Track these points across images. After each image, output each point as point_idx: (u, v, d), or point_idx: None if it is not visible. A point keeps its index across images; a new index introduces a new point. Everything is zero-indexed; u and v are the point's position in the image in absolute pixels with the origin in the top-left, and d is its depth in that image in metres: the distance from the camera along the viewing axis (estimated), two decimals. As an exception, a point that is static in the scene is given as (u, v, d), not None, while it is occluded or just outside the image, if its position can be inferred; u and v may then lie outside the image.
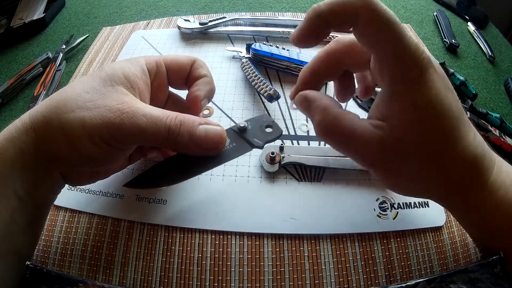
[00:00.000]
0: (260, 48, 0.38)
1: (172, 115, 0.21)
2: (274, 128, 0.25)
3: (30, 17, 0.48)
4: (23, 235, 0.21)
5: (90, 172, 0.24)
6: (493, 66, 0.45)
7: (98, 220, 0.27)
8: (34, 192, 0.21)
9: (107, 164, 0.23)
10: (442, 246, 0.27)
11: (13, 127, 0.20)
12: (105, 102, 0.20)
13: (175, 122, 0.20)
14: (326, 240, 0.26)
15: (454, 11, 0.56)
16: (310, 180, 0.30)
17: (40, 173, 0.20)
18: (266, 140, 0.25)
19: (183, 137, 0.21)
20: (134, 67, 0.23)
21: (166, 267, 0.25)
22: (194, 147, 0.21)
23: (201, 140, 0.21)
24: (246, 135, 0.24)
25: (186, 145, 0.21)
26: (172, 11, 0.52)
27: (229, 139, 0.24)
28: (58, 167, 0.21)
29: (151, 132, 0.20)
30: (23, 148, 0.20)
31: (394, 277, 0.25)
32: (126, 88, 0.21)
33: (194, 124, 0.21)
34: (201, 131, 0.21)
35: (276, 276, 0.25)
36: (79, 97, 0.20)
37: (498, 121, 0.35)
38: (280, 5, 0.54)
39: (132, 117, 0.19)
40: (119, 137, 0.20)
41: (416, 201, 0.29)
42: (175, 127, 0.20)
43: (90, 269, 0.25)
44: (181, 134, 0.20)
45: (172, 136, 0.20)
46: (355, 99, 0.37)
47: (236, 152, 0.24)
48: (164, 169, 0.24)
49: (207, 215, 0.27)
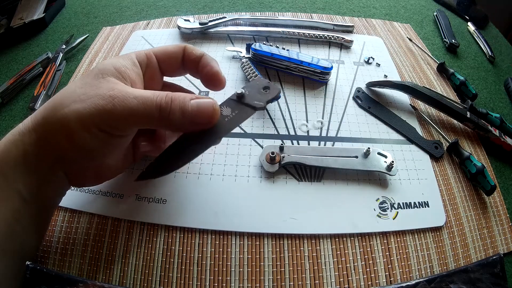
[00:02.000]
0: (260, 48, 0.38)
1: (162, 94, 0.21)
2: (272, 88, 0.25)
3: (30, 17, 0.48)
4: (27, 236, 0.21)
5: (94, 171, 0.24)
6: (493, 66, 0.45)
7: (98, 220, 0.27)
8: (38, 193, 0.21)
9: (107, 154, 0.23)
10: (442, 246, 0.27)
11: (16, 130, 0.21)
12: (97, 91, 0.20)
13: (165, 100, 0.20)
14: (326, 240, 0.26)
15: (454, 11, 0.56)
16: (310, 180, 0.30)
17: (44, 174, 0.21)
18: (267, 99, 0.24)
19: (175, 114, 0.20)
20: (124, 60, 0.23)
21: (166, 267, 0.25)
22: (187, 123, 0.21)
23: (193, 114, 0.21)
24: (246, 100, 0.24)
25: (179, 122, 0.21)
26: (172, 11, 0.52)
27: (230, 108, 0.23)
28: (61, 166, 0.21)
29: (143, 113, 0.20)
30: (25, 150, 0.20)
31: (394, 277, 0.25)
32: (117, 78, 0.22)
33: (185, 100, 0.21)
34: (193, 105, 0.21)
35: (276, 276, 0.25)
36: (73, 93, 0.21)
37: (498, 121, 0.35)
38: (280, 5, 0.54)
39: (123, 101, 0.20)
40: (112, 122, 0.20)
41: (416, 201, 0.29)
42: (166, 105, 0.20)
43: (90, 269, 0.25)
44: (173, 111, 0.20)
45: (164, 114, 0.20)
46: (355, 99, 0.37)
47: (240, 119, 0.23)
48: (171, 154, 0.23)
49: (207, 215, 0.27)
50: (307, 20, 0.49)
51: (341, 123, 0.34)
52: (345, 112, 0.36)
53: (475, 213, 0.29)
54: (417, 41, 0.47)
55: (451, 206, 0.29)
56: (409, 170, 0.31)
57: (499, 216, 0.29)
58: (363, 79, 0.40)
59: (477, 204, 0.30)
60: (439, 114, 0.37)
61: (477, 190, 0.31)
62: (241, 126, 0.34)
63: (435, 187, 0.30)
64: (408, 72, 0.42)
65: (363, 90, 0.38)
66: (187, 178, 0.29)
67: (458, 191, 0.30)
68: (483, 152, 0.34)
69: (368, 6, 0.55)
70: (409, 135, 0.34)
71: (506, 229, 0.28)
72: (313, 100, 0.37)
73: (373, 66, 0.42)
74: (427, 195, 0.29)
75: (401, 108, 0.37)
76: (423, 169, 0.31)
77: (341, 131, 0.34)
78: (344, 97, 0.37)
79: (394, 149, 0.33)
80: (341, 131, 0.34)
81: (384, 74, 0.41)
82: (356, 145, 0.32)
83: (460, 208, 0.29)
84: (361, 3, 0.55)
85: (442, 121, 0.36)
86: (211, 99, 0.22)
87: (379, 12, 0.54)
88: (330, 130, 0.34)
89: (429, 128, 0.35)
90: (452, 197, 0.30)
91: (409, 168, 0.31)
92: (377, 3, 0.56)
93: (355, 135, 0.33)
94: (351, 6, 0.55)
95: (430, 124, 0.35)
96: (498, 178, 0.32)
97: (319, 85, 0.39)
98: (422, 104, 0.37)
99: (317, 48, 0.44)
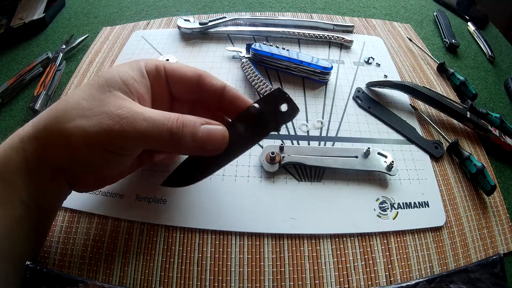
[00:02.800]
0: (260, 48, 0.38)
1: (174, 117, 0.20)
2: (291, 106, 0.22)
3: (30, 17, 0.48)
4: (28, 240, 0.21)
5: (96, 179, 0.24)
6: (493, 66, 0.45)
7: (98, 220, 0.27)
8: (39, 198, 0.21)
9: (111, 170, 0.23)
10: (442, 246, 0.27)
11: (16, 136, 0.20)
12: (103, 108, 0.19)
13: (177, 125, 0.20)
14: (326, 240, 0.26)
15: (454, 11, 0.56)
16: (310, 180, 0.30)
17: (45, 180, 0.20)
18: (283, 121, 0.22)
19: (186, 139, 0.20)
20: (133, 71, 0.22)
21: (166, 267, 0.25)
22: (197, 148, 0.21)
23: (204, 140, 0.21)
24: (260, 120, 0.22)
25: (189, 147, 0.21)
26: (172, 11, 0.52)
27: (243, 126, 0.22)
28: (62, 175, 0.21)
29: (153, 136, 0.20)
30: (27, 157, 0.20)
31: (394, 277, 0.25)
32: (124, 92, 0.21)
33: (196, 124, 0.20)
34: (203, 131, 0.21)
35: (276, 276, 0.25)
36: (77, 106, 0.20)
37: (498, 121, 0.35)
38: (280, 5, 0.54)
39: (133, 123, 0.19)
40: (120, 143, 0.20)
41: (416, 201, 0.29)
42: (177, 130, 0.20)
43: (90, 269, 0.25)
44: (183, 136, 0.20)
45: (175, 139, 0.20)
46: (355, 99, 0.37)
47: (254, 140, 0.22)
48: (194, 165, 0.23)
49: (207, 215, 0.27)
50: (307, 20, 0.49)
51: (341, 123, 0.34)
52: (345, 112, 0.36)
53: (475, 213, 0.29)
54: (417, 41, 0.47)
55: (451, 206, 0.29)
56: (409, 170, 0.31)
57: (499, 216, 0.29)
58: (363, 79, 0.40)
59: (477, 204, 0.30)
60: (439, 114, 0.37)
61: (477, 190, 0.31)
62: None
63: (435, 187, 0.30)
64: (408, 72, 0.42)
65: (363, 90, 0.38)
66: (187, 178, 0.29)
67: (458, 191, 0.30)
68: (483, 152, 0.34)
69: (368, 6, 0.55)
70: (409, 135, 0.34)
71: (506, 229, 0.28)
72: (313, 100, 0.37)
73: (373, 66, 0.42)
74: (427, 195, 0.29)
75: (401, 108, 0.37)
76: (423, 169, 0.31)
77: (341, 131, 0.34)
78: (344, 97, 0.37)
79: (394, 149, 0.33)
80: (341, 131, 0.34)
81: (384, 74, 0.41)
82: (356, 145, 0.32)
83: (460, 208, 0.29)
84: (361, 3, 0.55)
85: (442, 121, 0.36)
86: (221, 126, 0.21)
87: (379, 12, 0.54)
88: (330, 130, 0.34)
89: (429, 128, 0.35)
90: (452, 197, 0.30)
91: (409, 168, 0.31)
92: (377, 3, 0.56)
93: (355, 135, 0.33)
94: (351, 6, 0.55)
95: (430, 124, 0.35)
96: (498, 178, 0.32)
97: (319, 85, 0.39)
98: (422, 104, 0.37)
99: (317, 48, 0.44)
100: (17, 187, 0.20)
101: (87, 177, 0.23)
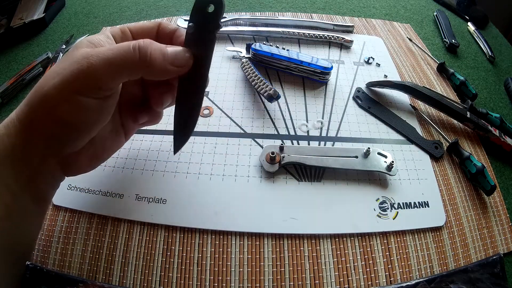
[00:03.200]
0: (260, 48, 0.38)
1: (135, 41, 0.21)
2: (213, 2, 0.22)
3: (30, 17, 0.48)
4: (20, 232, 0.21)
5: (87, 154, 0.23)
6: (493, 66, 0.45)
7: (98, 220, 0.27)
8: (30, 186, 0.20)
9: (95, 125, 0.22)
10: (442, 246, 0.27)
11: (1, 125, 0.20)
12: (71, 61, 0.20)
13: (143, 43, 0.20)
14: (326, 240, 0.26)
15: (454, 11, 0.56)
16: (310, 180, 0.30)
17: (34, 165, 0.20)
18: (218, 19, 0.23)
19: (156, 55, 0.21)
20: (99, 35, 0.23)
21: (166, 267, 0.25)
22: (168, 65, 0.22)
23: (172, 56, 0.22)
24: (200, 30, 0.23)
25: (161, 64, 0.21)
26: (172, 11, 0.52)
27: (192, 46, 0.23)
28: (52, 154, 0.20)
29: (122, 59, 0.20)
30: (12, 143, 0.19)
31: (394, 277, 0.25)
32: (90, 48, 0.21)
33: (161, 46, 0.22)
34: (170, 49, 0.22)
35: (276, 276, 0.25)
36: (51, 73, 0.20)
37: (498, 121, 0.35)
38: (280, 5, 0.54)
39: (98, 55, 0.19)
40: (91, 81, 0.19)
41: (416, 201, 0.29)
42: (144, 45, 0.20)
43: (90, 269, 0.25)
44: (153, 53, 0.21)
45: (144, 56, 0.20)
46: (355, 99, 0.37)
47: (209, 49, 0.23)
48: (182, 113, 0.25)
49: (207, 215, 0.27)
50: (307, 20, 0.49)
51: (341, 123, 0.34)
52: (345, 112, 0.36)
53: (475, 213, 0.29)
54: (417, 41, 0.47)
55: (451, 206, 0.29)
56: (409, 170, 0.31)
57: (499, 216, 0.29)
58: (363, 79, 0.40)
59: (477, 204, 0.30)
60: (439, 114, 0.37)
61: (477, 190, 0.31)
62: (241, 126, 0.34)
63: (435, 187, 0.30)
64: (408, 72, 0.42)
65: (363, 90, 0.38)
66: (187, 178, 0.29)
67: (458, 191, 0.30)
68: (483, 152, 0.34)
69: (368, 6, 0.55)
70: (409, 135, 0.34)
71: (506, 229, 0.28)
72: (313, 100, 0.37)
73: (373, 66, 0.42)
74: (427, 195, 0.29)
75: (401, 108, 0.37)
76: (423, 169, 0.31)
77: (341, 131, 0.34)
78: (344, 97, 0.37)
79: (394, 149, 0.33)
80: (341, 131, 0.34)
81: (384, 74, 0.41)
82: (356, 145, 0.32)
83: (460, 208, 0.29)
84: (361, 3, 0.55)
85: (442, 121, 0.36)
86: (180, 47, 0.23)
87: (379, 12, 0.54)
88: (330, 130, 0.34)
89: (429, 128, 0.35)
90: (452, 197, 0.30)
91: (409, 168, 0.31)
92: (377, 3, 0.56)
93: (355, 135, 0.33)
94: (351, 6, 0.55)
95: (430, 124, 0.35)
96: (498, 178, 0.32)
97: (319, 85, 0.39)
98: (422, 104, 0.37)
99: (317, 48, 0.44)
100: (4, 176, 0.19)
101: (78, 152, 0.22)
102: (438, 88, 0.40)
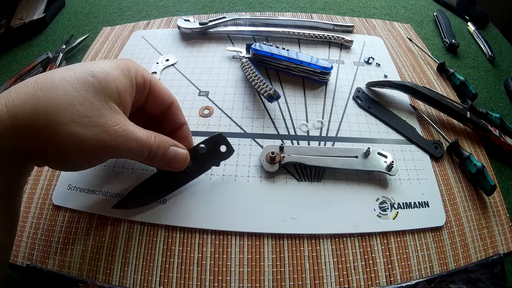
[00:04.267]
0: (260, 48, 0.38)
1: (153, 137, 0.23)
2: (228, 148, 0.28)
3: (30, 17, 0.48)
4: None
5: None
6: (493, 66, 0.45)
7: (98, 220, 0.27)
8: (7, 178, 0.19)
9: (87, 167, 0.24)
10: (442, 246, 0.27)
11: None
12: (101, 120, 0.20)
13: (155, 145, 0.23)
14: (326, 240, 0.26)
15: (454, 11, 0.56)
16: (310, 180, 0.30)
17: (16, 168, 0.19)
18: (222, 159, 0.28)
19: (157, 157, 0.24)
20: (126, 80, 0.23)
21: (166, 267, 0.25)
22: (163, 165, 0.25)
23: (170, 159, 0.25)
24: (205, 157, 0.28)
25: (158, 163, 0.25)
26: (172, 11, 0.52)
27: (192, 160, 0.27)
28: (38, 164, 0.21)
29: (137, 153, 0.23)
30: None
31: (394, 277, 0.25)
32: (118, 104, 0.22)
33: (167, 145, 0.24)
34: (170, 152, 0.25)
35: (276, 276, 0.25)
36: (72, 109, 0.19)
37: (498, 121, 0.35)
38: (280, 5, 0.54)
39: (125, 141, 0.21)
40: (110, 155, 0.22)
41: (416, 201, 0.29)
42: (154, 150, 0.23)
43: (90, 269, 0.25)
44: (157, 155, 0.24)
45: (150, 156, 0.23)
46: (355, 99, 0.37)
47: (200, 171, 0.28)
48: (144, 190, 0.27)
49: (207, 215, 0.27)
50: (307, 20, 0.49)
51: (341, 123, 0.34)
52: (345, 112, 0.36)
53: (475, 213, 0.29)
54: (417, 41, 0.47)
55: (451, 206, 0.29)
56: (409, 170, 0.31)
57: (499, 216, 0.29)
58: (363, 79, 0.40)
59: (477, 204, 0.30)
60: (439, 114, 0.37)
61: (477, 190, 0.31)
62: (241, 126, 0.34)
63: (435, 187, 0.30)
64: (408, 72, 0.42)
65: (363, 90, 0.38)
66: (187, 178, 0.29)
67: (458, 191, 0.30)
68: (483, 152, 0.34)
69: (368, 6, 0.55)
70: (409, 135, 0.34)
71: (506, 229, 0.28)
72: (313, 100, 0.37)
73: (373, 66, 0.42)
74: (427, 195, 0.29)
75: (401, 108, 0.37)
76: (423, 169, 0.31)
77: (341, 131, 0.34)
78: (344, 97, 0.37)
79: (394, 149, 0.33)
80: (341, 131, 0.34)
81: (384, 74, 0.41)
82: (356, 145, 0.32)
83: (460, 208, 0.29)
84: (361, 3, 0.55)
85: (442, 121, 0.36)
86: (185, 150, 0.26)
87: (379, 12, 0.54)
88: (330, 130, 0.34)
89: (429, 128, 0.35)
90: (452, 197, 0.30)
91: (409, 168, 0.31)
92: (377, 3, 0.56)
93: (355, 135, 0.33)
94: (351, 6, 0.55)
95: (430, 124, 0.35)
96: (498, 178, 0.32)
97: (319, 85, 0.39)
98: (422, 104, 0.37)
99: (317, 48, 0.44)
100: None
101: None
102: (438, 88, 0.40)
